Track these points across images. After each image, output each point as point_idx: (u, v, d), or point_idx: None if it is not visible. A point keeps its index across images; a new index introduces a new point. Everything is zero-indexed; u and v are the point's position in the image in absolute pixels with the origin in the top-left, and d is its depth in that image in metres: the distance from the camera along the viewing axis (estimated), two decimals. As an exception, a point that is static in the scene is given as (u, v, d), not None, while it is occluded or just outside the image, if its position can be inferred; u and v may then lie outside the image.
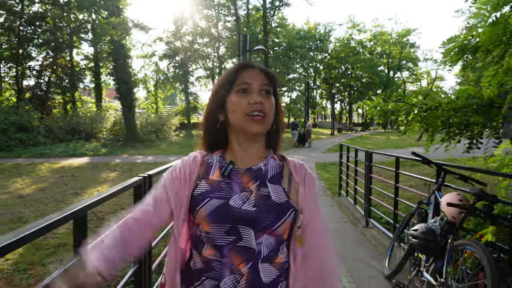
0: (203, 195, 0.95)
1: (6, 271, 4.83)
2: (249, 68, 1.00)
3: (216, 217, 0.93)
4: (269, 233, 0.94)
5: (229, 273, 0.92)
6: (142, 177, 1.97)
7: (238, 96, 0.97)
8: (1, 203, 7.84)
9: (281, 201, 0.96)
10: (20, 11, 23.17)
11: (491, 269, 1.94)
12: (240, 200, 0.94)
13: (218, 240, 0.93)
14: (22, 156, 14.33)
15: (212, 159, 1.02)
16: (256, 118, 0.94)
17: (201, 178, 0.99)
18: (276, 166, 1.02)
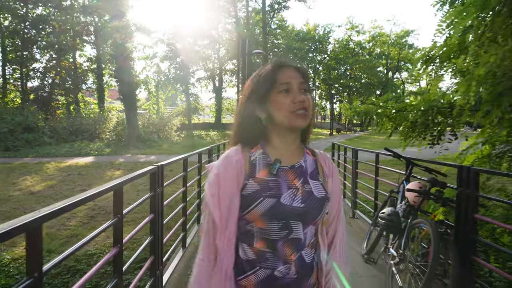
0: (254, 194, 1.00)
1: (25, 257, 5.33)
2: (286, 67, 1.05)
3: (271, 216, 0.99)
4: (313, 224, 1.06)
5: (283, 263, 1.01)
6: (156, 166, 2.46)
7: (281, 95, 1.02)
8: (14, 199, 8.34)
9: (321, 195, 1.05)
10: (25, 14, 23.67)
11: (434, 239, 2.43)
12: (289, 198, 1.01)
13: (272, 235, 1.01)
14: (29, 156, 14.82)
15: (254, 157, 1.06)
16: (301, 114, 1.01)
17: (248, 177, 1.03)
18: (312, 162, 1.10)
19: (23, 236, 1.08)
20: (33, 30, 24.01)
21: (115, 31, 16.62)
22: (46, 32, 24.21)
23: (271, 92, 1.03)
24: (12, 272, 5.00)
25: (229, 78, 38.54)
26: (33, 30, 24.01)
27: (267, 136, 1.07)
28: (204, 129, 35.01)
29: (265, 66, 1.09)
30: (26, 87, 23.85)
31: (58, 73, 23.49)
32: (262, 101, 1.04)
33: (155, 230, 2.45)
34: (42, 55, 24.86)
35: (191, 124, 32.61)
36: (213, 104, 40.17)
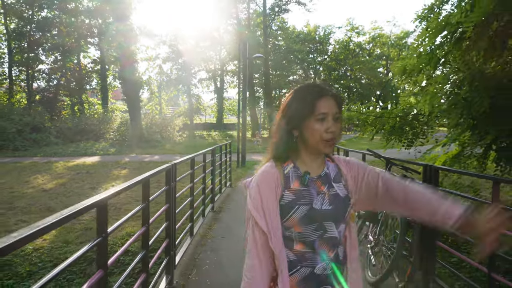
0: (290, 203, 1.14)
1: (45, 247, 5.86)
2: (325, 96, 1.16)
3: (307, 220, 1.13)
4: (343, 222, 1.19)
5: (321, 260, 1.15)
6: (170, 164, 2.97)
7: (317, 124, 1.14)
8: (28, 196, 8.86)
9: (344, 194, 1.20)
10: (30, 16, 24.22)
11: (401, 226, 2.94)
12: (319, 203, 1.15)
13: (309, 237, 1.15)
14: (38, 155, 15.36)
15: (287, 171, 1.20)
16: (330, 143, 1.15)
17: (284, 188, 1.17)
18: (333, 168, 1.25)
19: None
20: (39, 33, 24.56)
21: (120, 35, 17.12)
22: (51, 34, 24.76)
23: (309, 118, 1.14)
24: (35, 260, 5.52)
25: (230, 79, 39.08)
26: (38, 32, 24.56)
27: (298, 152, 1.21)
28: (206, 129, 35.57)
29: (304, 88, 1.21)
30: (32, 88, 24.42)
31: (63, 75, 24.03)
32: (299, 123, 1.16)
33: (169, 217, 2.96)
34: (47, 56, 25.43)
35: (193, 124, 33.13)
36: (214, 104, 40.72)
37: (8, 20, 23.77)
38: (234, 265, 3.52)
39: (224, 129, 37.38)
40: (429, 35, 3.00)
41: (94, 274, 1.59)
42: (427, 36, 2.95)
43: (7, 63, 24.07)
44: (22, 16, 23.86)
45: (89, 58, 28.08)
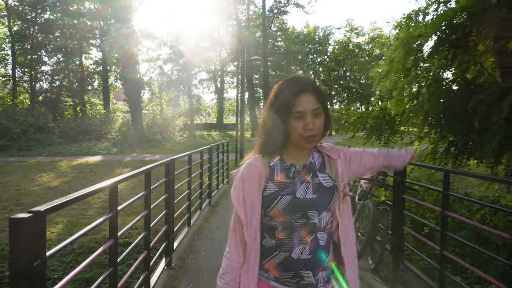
0: (273, 194, 1.18)
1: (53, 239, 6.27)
2: (303, 93, 1.16)
3: (290, 209, 1.16)
4: (326, 211, 1.22)
5: (298, 245, 1.18)
6: (169, 159, 3.36)
7: (295, 121, 1.15)
8: (35, 193, 9.26)
9: (329, 185, 1.23)
10: (33, 18, 24.66)
11: (372, 213, 3.33)
12: (303, 191, 1.18)
13: (293, 225, 1.18)
14: (42, 155, 15.77)
15: (273, 163, 1.23)
16: (309, 139, 1.16)
17: (268, 180, 1.20)
18: (318, 157, 1.28)
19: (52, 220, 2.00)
20: (42, 34, 25.01)
21: (121, 37, 17.54)
22: (54, 36, 25.20)
23: (288, 116, 1.16)
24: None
25: (231, 80, 39.48)
26: (41, 34, 25.00)
27: (285, 145, 1.24)
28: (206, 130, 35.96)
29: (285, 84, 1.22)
30: (35, 89, 24.88)
31: (66, 76, 24.45)
32: (282, 121, 1.17)
33: (168, 206, 3.35)
34: (50, 58, 25.88)
35: (193, 125, 33.56)
36: (214, 105, 41.14)
37: (12, 23, 24.20)
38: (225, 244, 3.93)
39: (225, 129, 37.78)
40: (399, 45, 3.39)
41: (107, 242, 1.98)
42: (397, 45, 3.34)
43: (11, 65, 24.54)
44: (25, 18, 24.31)
45: (91, 59, 28.56)
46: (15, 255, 1.21)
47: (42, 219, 1.28)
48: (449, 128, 3.00)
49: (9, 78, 24.73)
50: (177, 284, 3.20)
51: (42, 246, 1.31)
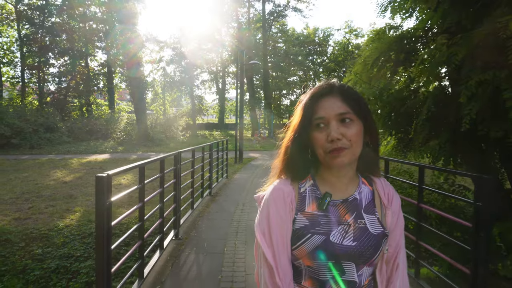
0: (302, 230, 0.93)
1: (74, 225, 7.17)
2: (325, 97, 0.95)
3: (320, 255, 0.92)
4: (368, 265, 0.95)
5: None
6: (177, 152, 4.25)
7: (317, 132, 0.93)
8: (51, 186, 10.18)
9: (377, 232, 0.96)
10: (41, 22, 25.62)
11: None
12: (340, 235, 0.92)
13: (321, 275, 0.93)
14: (53, 153, 16.70)
15: (304, 188, 0.99)
16: (335, 154, 0.90)
17: (297, 211, 0.96)
18: (368, 193, 1.00)
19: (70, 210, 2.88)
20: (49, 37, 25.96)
21: (126, 39, 18.47)
22: (61, 39, 26.17)
23: (310, 126, 0.94)
24: (66, 234, 6.83)
25: (232, 80, 40.33)
26: (49, 37, 25.97)
27: (317, 166, 0.99)
28: (208, 129, 36.87)
29: (307, 92, 1.01)
30: (43, 90, 25.86)
31: (73, 78, 25.41)
32: (304, 134, 0.95)
33: (176, 189, 4.24)
34: (57, 60, 26.86)
35: (195, 125, 34.48)
36: (216, 105, 42.04)
37: (21, 26, 25.18)
38: (223, 227, 4.84)
39: (226, 129, 38.64)
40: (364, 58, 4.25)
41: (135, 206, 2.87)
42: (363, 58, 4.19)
43: (20, 67, 25.54)
44: (34, 22, 25.27)
45: (96, 61, 29.49)
46: (98, 196, 2.09)
47: (110, 178, 2.15)
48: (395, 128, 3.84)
49: (18, 80, 25.71)
50: (183, 248, 4.09)
51: (109, 191, 2.17)
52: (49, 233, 6.84)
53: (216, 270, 3.54)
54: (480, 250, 2.13)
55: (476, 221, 2.18)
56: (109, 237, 2.16)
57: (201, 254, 3.92)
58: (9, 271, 5.96)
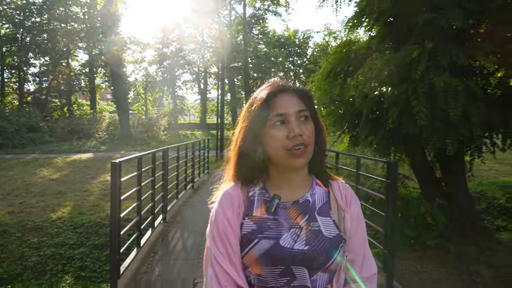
0: (250, 235, 0.89)
1: (65, 217, 7.75)
2: (281, 94, 0.91)
3: (268, 260, 0.87)
4: (323, 270, 0.89)
5: None
6: (165, 148, 4.98)
7: (275, 129, 0.89)
8: (39, 183, 10.64)
9: (332, 235, 0.90)
10: (21, 21, 25.53)
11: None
12: (291, 239, 0.88)
13: (271, 283, 0.88)
14: (36, 152, 16.95)
15: (253, 192, 0.95)
16: (298, 152, 0.87)
17: (245, 215, 0.92)
18: (322, 195, 0.96)
19: (61, 204, 3.62)
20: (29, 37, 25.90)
21: (110, 43, 18.87)
22: (41, 39, 26.15)
23: (265, 124, 0.90)
24: (60, 225, 7.42)
25: (213, 81, 40.91)
26: (29, 36, 25.91)
27: (268, 170, 0.96)
28: (190, 129, 37.35)
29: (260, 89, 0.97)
30: (23, 90, 25.78)
31: (55, 78, 25.47)
32: (258, 134, 0.90)
33: (164, 179, 4.98)
34: (36, 59, 26.80)
35: (177, 124, 34.93)
36: (198, 105, 42.54)
37: (0, 26, 25.04)
38: (204, 214, 5.62)
39: (208, 128, 39.19)
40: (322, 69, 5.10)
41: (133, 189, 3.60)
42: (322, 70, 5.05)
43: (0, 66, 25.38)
44: (14, 20, 25.17)
45: (77, 61, 29.53)
46: (112, 176, 2.81)
47: (120, 164, 2.88)
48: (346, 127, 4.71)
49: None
50: (170, 229, 4.85)
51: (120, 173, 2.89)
52: (43, 224, 7.42)
53: (198, 244, 4.31)
54: (388, 213, 2.99)
55: (387, 194, 3.04)
56: (120, 206, 2.88)
57: (185, 233, 4.69)
58: (8, 258, 6.53)
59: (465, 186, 5.29)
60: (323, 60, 5.26)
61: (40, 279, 6.29)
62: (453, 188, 5.20)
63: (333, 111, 4.64)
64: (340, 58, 4.68)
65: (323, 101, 4.74)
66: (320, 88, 5.15)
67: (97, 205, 8.63)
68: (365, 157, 4.02)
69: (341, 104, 4.66)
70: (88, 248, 6.89)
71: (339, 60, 4.63)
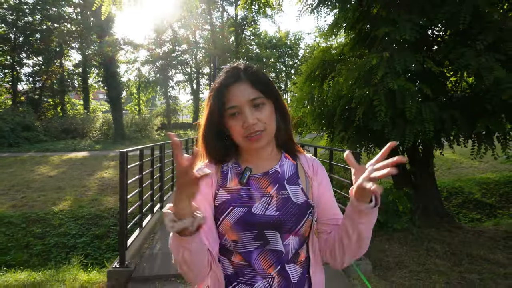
0: (224, 204, 0.96)
1: (66, 210, 8.25)
2: (234, 84, 0.96)
3: (242, 226, 0.94)
4: (294, 234, 0.97)
5: (261, 278, 0.95)
6: (162, 143, 5.54)
7: (231, 120, 0.96)
8: (38, 180, 11.08)
9: (300, 201, 0.98)
10: (14, 21, 25.71)
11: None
12: (262, 207, 0.95)
13: (246, 247, 0.95)
14: (32, 151, 17.31)
15: (227, 167, 1.03)
16: (253, 138, 0.94)
17: (219, 187, 0.99)
18: (291, 166, 1.04)
19: (61, 198, 4.18)
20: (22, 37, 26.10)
21: (106, 45, 19.28)
22: (34, 39, 26.37)
23: (223, 116, 0.97)
24: (61, 217, 7.91)
25: (206, 81, 41.39)
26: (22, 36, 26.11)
27: (238, 148, 1.04)
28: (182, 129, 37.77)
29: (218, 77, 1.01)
30: (17, 89, 25.97)
31: (48, 78, 25.74)
32: (217, 122, 0.98)
33: (161, 170, 5.54)
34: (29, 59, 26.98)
35: (170, 124, 35.32)
36: (191, 105, 42.96)
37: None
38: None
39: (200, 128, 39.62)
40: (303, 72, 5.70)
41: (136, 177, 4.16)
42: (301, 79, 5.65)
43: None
44: (6, 20, 25.35)
45: (70, 61, 29.77)
46: (121, 163, 3.36)
47: (127, 153, 3.44)
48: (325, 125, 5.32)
49: (-11, 79, 25.71)
50: (167, 215, 5.40)
51: (127, 161, 3.45)
52: (46, 216, 7.92)
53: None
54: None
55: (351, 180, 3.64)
56: (127, 190, 3.43)
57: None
58: (14, 246, 7.03)
59: (431, 177, 5.95)
60: (303, 64, 5.86)
61: (45, 266, 6.80)
62: (420, 179, 5.85)
63: (313, 110, 5.24)
64: (317, 63, 5.30)
65: (304, 101, 5.34)
66: (301, 89, 5.75)
67: (95, 199, 9.14)
68: (335, 149, 4.61)
69: (319, 104, 5.26)
70: (89, 237, 7.43)
71: (317, 64, 5.24)
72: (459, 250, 4.30)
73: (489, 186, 12.39)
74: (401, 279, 3.59)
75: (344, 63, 4.96)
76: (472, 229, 5.45)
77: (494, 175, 13.30)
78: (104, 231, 7.61)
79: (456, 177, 13.67)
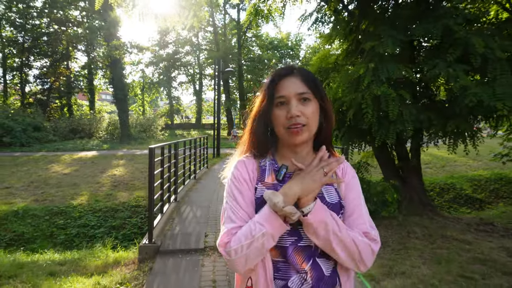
0: (262, 198, 0.99)
1: (84, 204, 8.94)
2: (286, 77, 1.03)
3: None
4: None
5: (296, 273, 0.99)
6: (174, 142, 6.24)
7: (278, 109, 1.01)
8: (54, 177, 11.79)
9: (334, 201, 1.03)
10: (22, 24, 26.50)
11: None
12: None
13: (281, 242, 0.99)
14: (43, 150, 18.04)
15: (264, 162, 1.07)
16: (294, 130, 0.98)
17: (258, 181, 1.04)
18: None
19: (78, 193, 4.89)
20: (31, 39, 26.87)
21: (113, 48, 20.01)
22: (42, 41, 27.14)
23: (272, 106, 1.02)
24: (80, 210, 8.62)
25: (208, 82, 42.13)
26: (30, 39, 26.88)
27: (276, 145, 1.10)
28: (185, 129, 38.49)
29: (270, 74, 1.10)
30: (25, 91, 26.75)
31: (57, 79, 26.51)
32: (266, 113, 1.03)
33: (175, 166, 6.23)
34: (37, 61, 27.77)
35: (174, 124, 36.08)
36: (194, 105, 43.72)
37: (2, 28, 25.98)
38: (207, 195, 6.89)
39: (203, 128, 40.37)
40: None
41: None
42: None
43: (1, 68, 26.32)
44: (14, 24, 26.12)
45: (76, 63, 30.54)
46: (150, 157, 4.05)
47: (154, 149, 4.12)
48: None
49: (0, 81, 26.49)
50: (181, 205, 6.10)
51: (154, 155, 4.13)
52: (66, 209, 8.64)
53: (205, 214, 5.57)
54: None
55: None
56: (154, 178, 4.11)
57: (194, 207, 5.96)
58: (40, 236, 7.74)
59: (417, 171, 6.62)
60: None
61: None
62: (406, 172, 6.53)
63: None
64: (315, 69, 5.98)
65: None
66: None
67: (110, 194, 9.84)
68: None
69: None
70: (107, 228, 8.13)
71: (315, 71, 5.92)
72: (435, 232, 4.97)
73: (480, 183, 13.08)
74: (383, 255, 4.26)
75: (337, 72, 5.63)
76: (451, 217, 6.12)
77: (485, 173, 13.99)
78: (120, 222, 8.31)
79: (449, 174, 14.37)
